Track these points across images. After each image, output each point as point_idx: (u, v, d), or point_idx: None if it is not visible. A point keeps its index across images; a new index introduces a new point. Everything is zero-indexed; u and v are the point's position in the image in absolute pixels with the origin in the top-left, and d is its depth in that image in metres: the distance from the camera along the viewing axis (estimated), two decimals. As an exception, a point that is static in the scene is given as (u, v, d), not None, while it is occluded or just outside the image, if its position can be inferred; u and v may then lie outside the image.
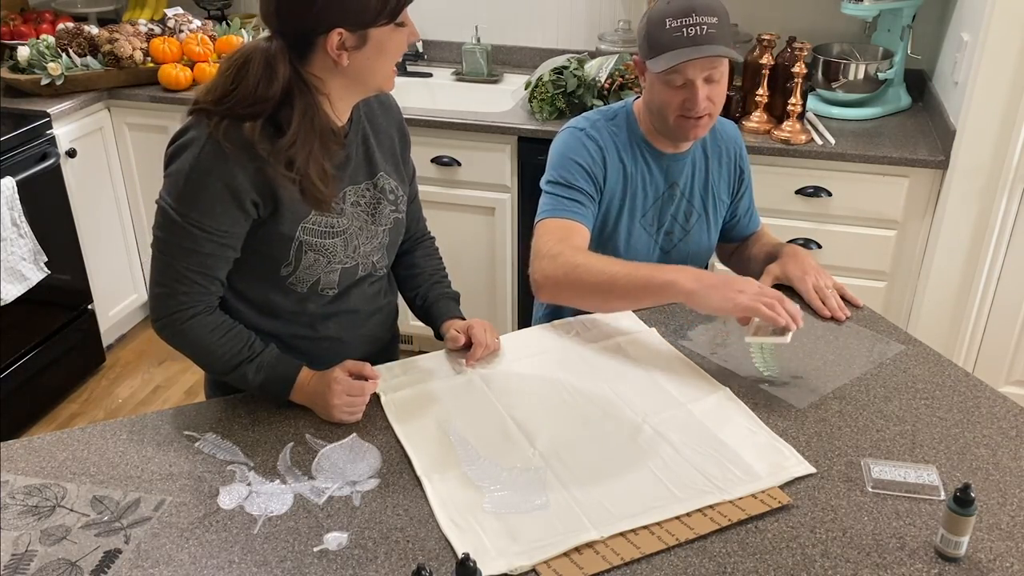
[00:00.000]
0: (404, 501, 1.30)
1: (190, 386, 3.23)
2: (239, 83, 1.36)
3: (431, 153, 2.93)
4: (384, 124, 1.61)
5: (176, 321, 1.45)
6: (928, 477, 1.34)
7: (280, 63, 1.36)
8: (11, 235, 2.72)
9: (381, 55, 1.40)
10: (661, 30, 1.64)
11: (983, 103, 2.48)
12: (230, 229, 1.42)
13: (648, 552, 1.20)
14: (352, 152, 1.52)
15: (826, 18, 3.07)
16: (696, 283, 1.56)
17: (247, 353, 1.48)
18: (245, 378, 1.48)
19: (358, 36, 1.36)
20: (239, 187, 1.38)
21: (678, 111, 1.70)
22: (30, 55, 3.05)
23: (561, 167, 1.78)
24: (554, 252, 1.67)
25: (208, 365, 1.53)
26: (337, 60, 1.37)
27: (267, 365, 1.48)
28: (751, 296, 1.53)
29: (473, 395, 1.53)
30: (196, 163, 1.37)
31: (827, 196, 2.71)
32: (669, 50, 1.64)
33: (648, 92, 1.75)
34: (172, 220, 1.40)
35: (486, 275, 3.10)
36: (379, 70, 1.43)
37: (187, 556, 1.20)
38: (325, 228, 1.48)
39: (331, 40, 1.35)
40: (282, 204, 1.42)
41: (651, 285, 1.60)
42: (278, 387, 1.49)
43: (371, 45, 1.38)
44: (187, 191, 1.38)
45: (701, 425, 1.45)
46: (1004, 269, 2.67)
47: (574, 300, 1.70)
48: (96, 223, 3.19)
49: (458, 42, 3.39)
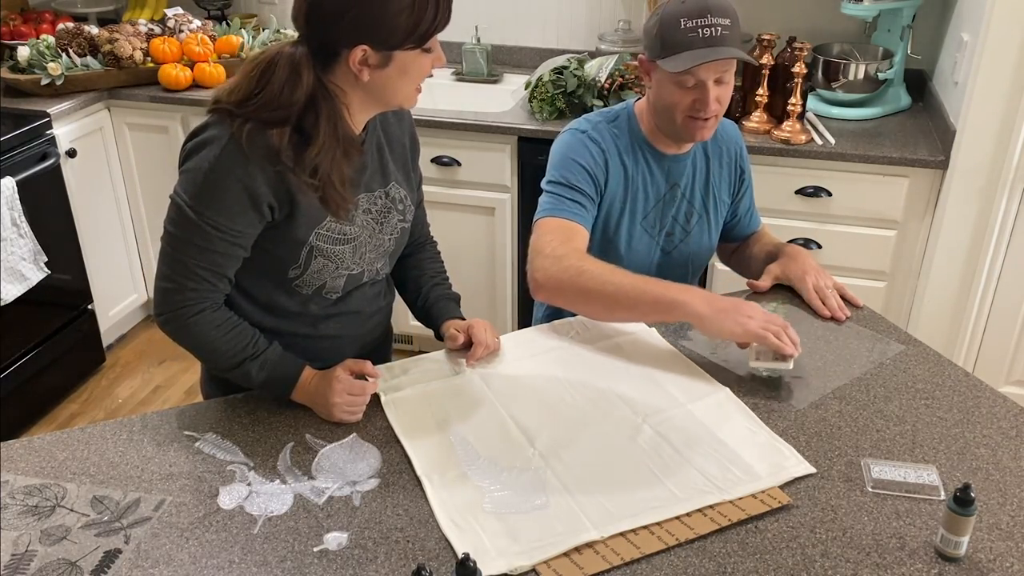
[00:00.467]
0: (404, 501, 1.30)
1: (190, 386, 3.23)
2: (264, 86, 1.36)
3: (431, 153, 2.93)
4: (397, 133, 1.61)
5: (181, 316, 1.45)
6: (928, 477, 1.34)
7: (305, 69, 1.36)
8: (11, 235, 2.72)
9: (403, 77, 1.39)
10: (676, 30, 1.63)
11: (983, 103, 2.48)
12: (244, 230, 1.42)
13: (648, 552, 1.20)
14: (368, 160, 1.52)
15: (826, 18, 3.07)
16: (707, 307, 1.57)
17: (251, 351, 1.48)
18: (248, 375, 1.48)
19: (382, 55, 1.36)
20: (258, 190, 1.38)
21: (687, 111, 1.70)
22: (30, 55, 3.05)
23: (563, 167, 1.78)
24: (558, 253, 1.67)
25: (211, 361, 1.53)
26: (358, 75, 1.37)
27: (270, 364, 1.49)
28: (760, 323, 1.55)
29: (473, 395, 1.53)
30: (216, 163, 1.36)
31: (827, 196, 2.71)
32: (684, 50, 1.63)
33: (655, 91, 1.74)
34: (187, 217, 1.39)
35: (486, 275, 3.10)
36: (400, 90, 1.42)
37: (187, 556, 1.20)
38: (338, 235, 1.49)
39: (355, 55, 1.35)
40: (299, 209, 1.42)
41: (660, 302, 1.59)
42: (280, 386, 1.49)
43: (394, 66, 1.37)
44: (205, 190, 1.37)
45: (701, 425, 1.45)
46: (1004, 269, 2.67)
47: (575, 305, 1.69)
48: (96, 223, 3.19)
49: (458, 42, 3.39)
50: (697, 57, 1.62)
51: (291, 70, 1.36)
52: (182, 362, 3.34)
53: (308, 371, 1.50)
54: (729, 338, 1.58)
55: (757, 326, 1.55)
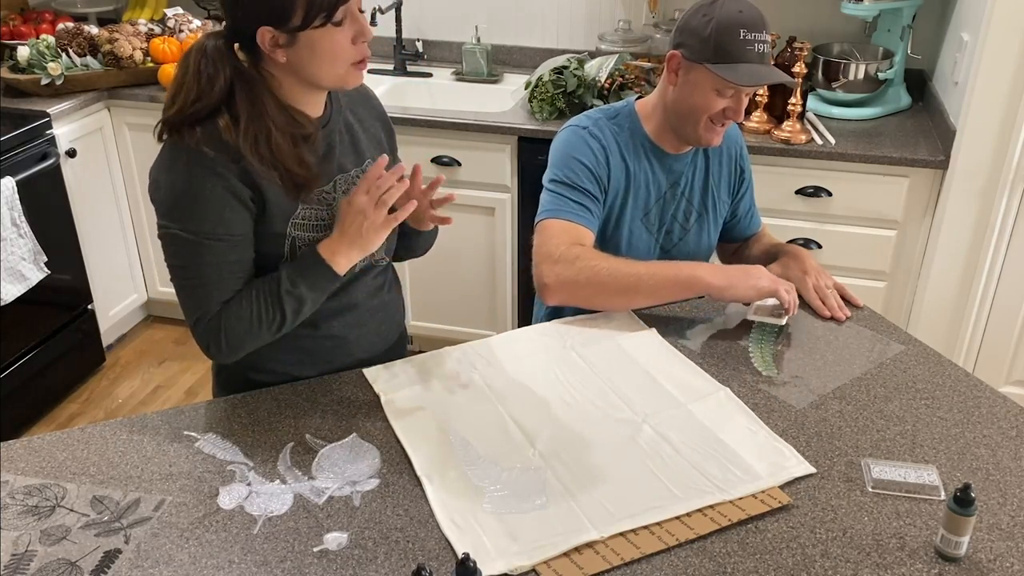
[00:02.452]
0: (404, 501, 1.30)
1: (190, 386, 3.23)
2: (189, 85, 1.37)
3: (431, 153, 2.93)
4: (366, 114, 1.61)
5: (215, 334, 1.42)
6: (928, 477, 1.34)
7: (219, 57, 1.37)
8: (11, 235, 2.72)
9: (316, 55, 1.36)
10: (734, 39, 1.63)
11: (983, 103, 2.48)
12: (242, 231, 1.42)
13: (648, 552, 1.20)
14: (335, 140, 1.51)
15: (826, 18, 3.07)
16: (721, 278, 1.70)
17: (273, 281, 1.43)
18: (291, 296, 1.43)
19: (288, 35, 1.35)
20: (235, 186, 1.38)
21: (712, 116, 1.71)
22: (30, 55, 3.05)
23: (565, 166, 1.78)
24: (569, 256, 1.69)
25: (270, 328, 1.46)
26: (274, 57, 1.37)
27: (295, 268, 1.44)
28: (770, 280, 1.71)
29: (473, 395, 1.53)
30: (188, 178, 1.36)
31: (827, 196, 2.71)
32: (740, 62, 1.64)
33: (684, 91, 1.72)
34: (187, 242, 1.39)
35: (486, 275, 3.10)
36: (321, 69, 1.38)
37: (187, 556, 1.20)
38: (316, 222, 1.48)
39: (263, 37, 1.35)
40: (269, 203, 1.42)
41: (677, 280, 1.71)
42: (317, 271, 1.43)
43: (303, 45, 1.35)
44: (188, 208, 1.37)
45: (701, 425, 1.45)
46: (1004, 269, 2.67)
47: (592, 301, 1.73)
48: (96, 223, 3.19)
49: (458, 42, 3.39)
50: (758, 74, 1.65)
51: (206, 62, 1.36)
52: (182, 362, 3.34)
53: (323, 242, 1.45)
54: (747, 300, 1.73)
55: (768, 283, 1.70)
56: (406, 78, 3.38)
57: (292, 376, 1.58)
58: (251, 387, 1.55)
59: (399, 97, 3.31)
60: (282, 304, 1.44)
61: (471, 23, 3.36)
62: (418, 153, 2.92)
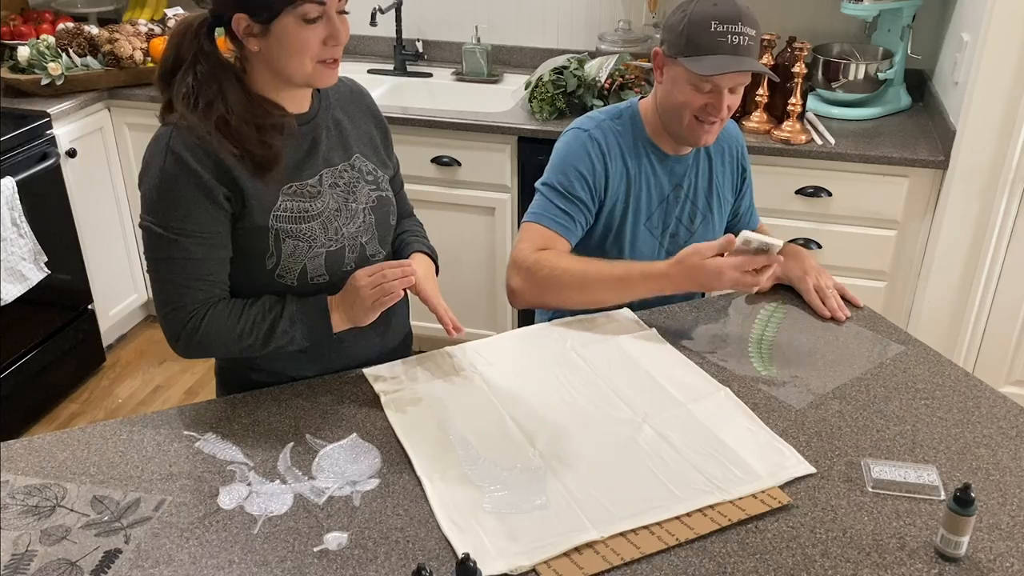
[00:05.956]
0: (404, 501, 1.30)
1: (190, 386, 3.23)
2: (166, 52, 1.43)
3: (431, 153, 2.93)
4: (357, 111, 1.62)
5: (191, 331, 1.46)
6: (928, 477, 1.34)
7: (192, 36, 1.41)
8: (11, 235, 2.72)
9: (284, 49, 1.38)
10: (705, 32, 1.63)
11: (983, 103, 2.48)
12: (213, 228, 1.43)
13: (648, 552, 1.20)
14: (321, 135, 1.53)
15: (826, 18, 3.07)
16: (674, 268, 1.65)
17: (274, 311, 1.48)
18: (285, 335, 1.48)
19: (261, 25, 1.37)
20: (207, 184, 1.40)
21: (696, 113, 1.70)
22: (30, 55, 3.05)
23: (561, 172, 1.78)
24: (531, 262, 1.71)
25: (244, 348, 1.49)
26: (247, 45, 1.40)
27: (298, 311, 1.49)
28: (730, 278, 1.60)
29: (473, 395, 1.53)
30: (163, 174, 1.40)
31: (827, 196, 2.71)
32: (711, 54, 1.63)
33: (667, 88, 1.73)
34: (158, 235, 1.43)
35: (486, 275, 3.10)
36: (290, 63, 1.40)
37: (187, 556, 1.20)
38: (298, 213, 1.49)
39: (237, 24, 1.38)
40: (248, 196, 1.44)
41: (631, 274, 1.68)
42: (319, 323, 1.50)
43: (273, 36, 1.38)
44: (162, 203, 1.41)
45: (701, 425, 1.45)
46: (1004, 269, 2.67)
47: (556, 302, 1.73)
48: (96, 223, 3.19)
49: (458, 42, 3.39)
50: (724, 64, 1.62)
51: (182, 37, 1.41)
52: (182, 362, 3.34)
53: (330, 297, 1.51)
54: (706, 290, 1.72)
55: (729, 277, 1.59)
56: (406, 78, 3.38)
57: (292, 376, 1.58)
58: (251, 387, 1.56)
59: (399, 97, 3.31)
60: (272, 334, 1.48)
61: (471, 23, 3.36)
62: (418, 153, 2.93)
